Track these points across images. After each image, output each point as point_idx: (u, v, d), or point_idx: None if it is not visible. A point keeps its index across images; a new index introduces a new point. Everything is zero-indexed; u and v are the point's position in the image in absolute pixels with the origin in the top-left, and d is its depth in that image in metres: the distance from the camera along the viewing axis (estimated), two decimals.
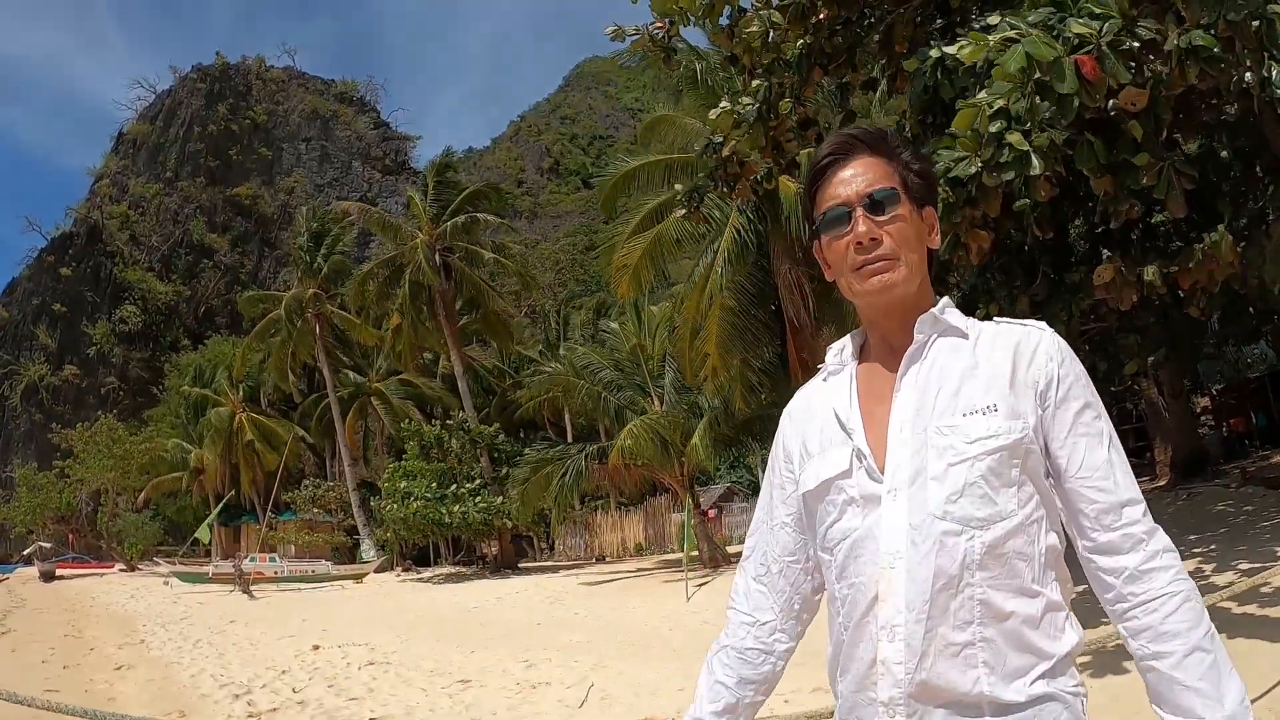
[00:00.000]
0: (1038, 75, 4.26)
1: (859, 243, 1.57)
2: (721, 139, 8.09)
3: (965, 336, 1.57)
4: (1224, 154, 9.19)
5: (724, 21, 7.41)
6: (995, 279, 9.71)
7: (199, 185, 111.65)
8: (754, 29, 7.11)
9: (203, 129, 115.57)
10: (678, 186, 8.92)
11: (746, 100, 7.63)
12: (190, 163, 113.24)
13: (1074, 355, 1.57)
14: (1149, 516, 1.50)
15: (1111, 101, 4.64)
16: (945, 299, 1.62)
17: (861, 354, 1.70)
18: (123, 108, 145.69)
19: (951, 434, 1.47)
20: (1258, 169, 8.94)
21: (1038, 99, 4.37)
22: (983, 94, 4.65)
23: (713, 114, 7.91)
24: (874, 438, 1.55)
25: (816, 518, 1.62)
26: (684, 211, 9.25)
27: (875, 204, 1.57)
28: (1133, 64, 4.57)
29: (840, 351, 1.71)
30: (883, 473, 1.51)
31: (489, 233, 37.74)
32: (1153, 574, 1.46)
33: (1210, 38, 4.72)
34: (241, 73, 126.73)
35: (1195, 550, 10.57)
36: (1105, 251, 9.91)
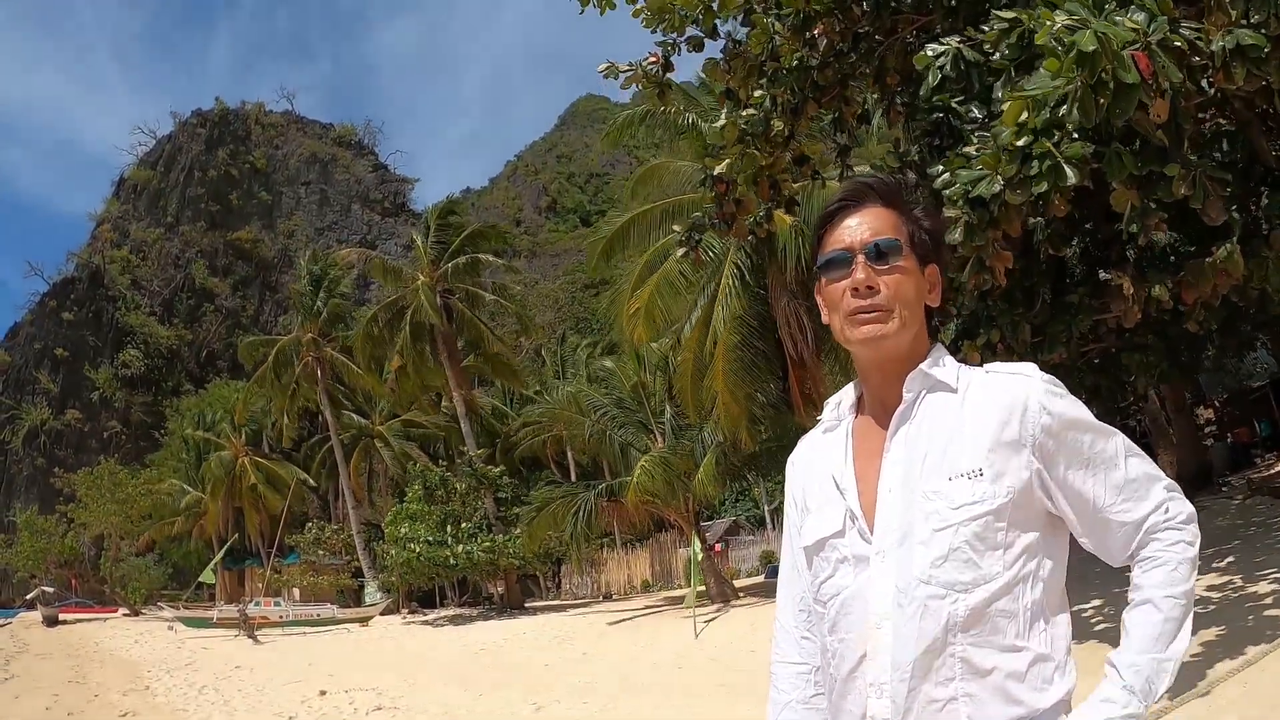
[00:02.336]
0: (1104, 63, 4.01)
1: (855, 289, 1.60)
2: (716, 171, 8.01)
3: (954, 391, 1.59)
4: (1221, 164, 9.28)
5: (722, 27, 7.36)
6: (996, 306, 9.73)
7: (200, 229, 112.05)
8: (757, 31, 7.09)
9: (203, 174, 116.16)
10: (676, 227, 8.90)
11: (751, 111, 7.62)
12: (191, 207, 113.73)
13: (1063, 393, 1.58)
14: (1173, 498, 1.56)
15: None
16: (938, 348, 1.65)
17: (858, 407, 1.72)
18: (123, 153, 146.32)
19: (937, 498, 1.51)
20: (1250, 181, 9.00)
21: (1091, 92, 4.13)
22: (1028, 86, 4.44)
23: (716, 124, 7.83)
24: (865, 498, 1.59)
25: (811, 570, 1.67)
26: (683, 251, 9.29)
27: (878, 253, 1.60)
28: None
29: (838, 405, 1.74)
30: (873, 534, 1.55)
31: (489, 273, 37.89)
32: (1153, 540, 1.53)
33: (1260, 36, 4.54)
34: (241, 117, 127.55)
35: (1214, 565, 10.48)
36: (1102, 272, 9.95)
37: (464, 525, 29.53)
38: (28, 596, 49.15)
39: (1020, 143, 4.54)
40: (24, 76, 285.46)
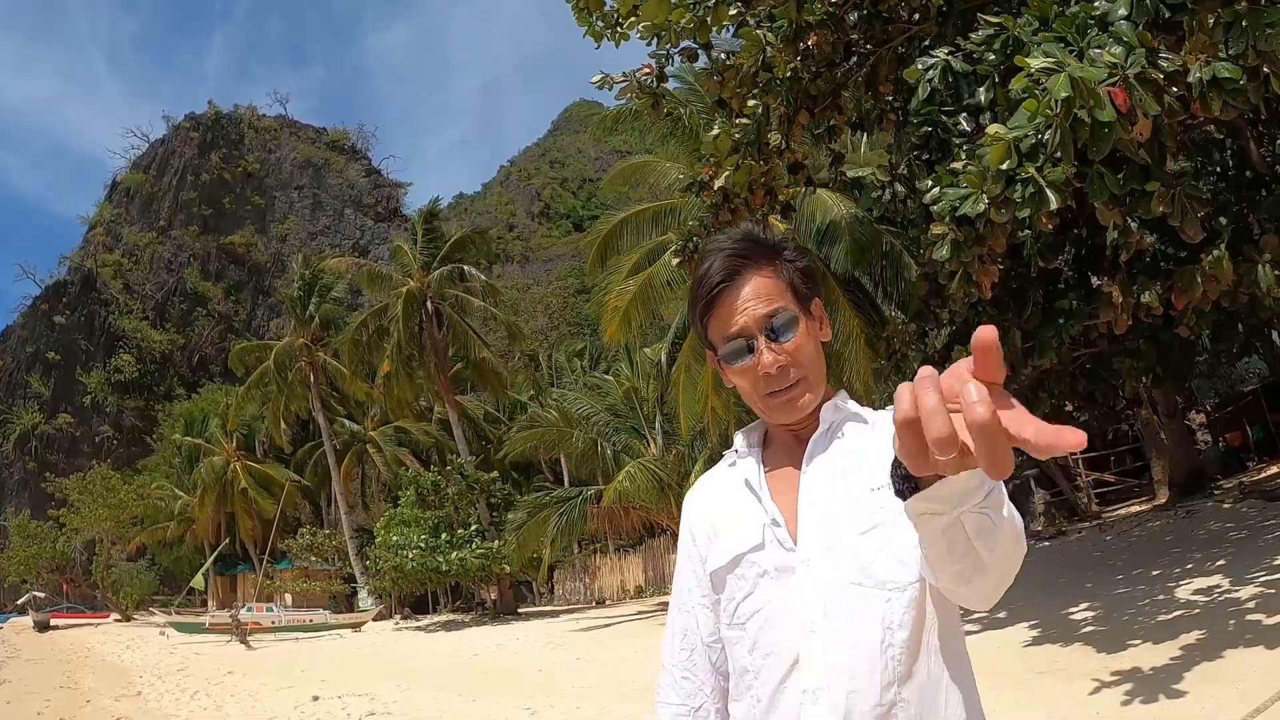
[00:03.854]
0: (1079, 104, 4.06)
1: (767, 374, 1.56)
2: (710, 178, 8.03)
3: (865, 422, 1.59)
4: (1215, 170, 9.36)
5: (714, 39, 7.39)
6: (987, 312, 9.77)
7: (192, 234, 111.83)
8: (748, 45, 7.10)
9: (196, 177, 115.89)
10: (671, 235, 8.96)
11: (744, 121, 7.62)
12: (183, 211, 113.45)
13: None
14: None
15: None
16: (842, 391, 1.65)
17: (766, 440, 1.71)
18: (116, 156, 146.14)
19: (856, 507, 1.48)
20: (1241, 185, 9.06)
21: (1070, 131, 4.16)
22: (1000, 128, 4.52)
23: (709, 135, 7.81)
24: (784, 513, 1.56)
25: (726, 593, 1.61)
26: (678, 261, 9.31)
27: (775, 330, 1.56)
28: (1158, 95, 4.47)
29: (746, 438, 1.71)
30: (795, 544, 1.52)
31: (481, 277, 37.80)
32: None
33: (1236, 69, 4.61)
34: (234, 121, 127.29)
35: (1206, 567, 10.51)
36: (1094, 278, 9.99)
37: (460, 531, 29.50)
38: (19, 602, 48.95)
39: (1004, 165, 4.56)
40: (18, 79, 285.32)
